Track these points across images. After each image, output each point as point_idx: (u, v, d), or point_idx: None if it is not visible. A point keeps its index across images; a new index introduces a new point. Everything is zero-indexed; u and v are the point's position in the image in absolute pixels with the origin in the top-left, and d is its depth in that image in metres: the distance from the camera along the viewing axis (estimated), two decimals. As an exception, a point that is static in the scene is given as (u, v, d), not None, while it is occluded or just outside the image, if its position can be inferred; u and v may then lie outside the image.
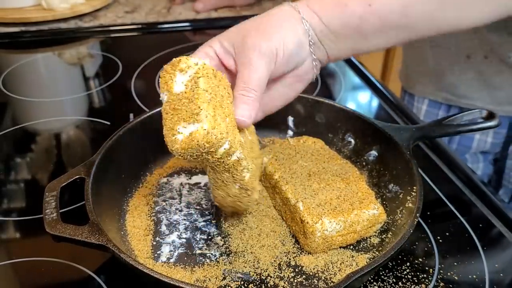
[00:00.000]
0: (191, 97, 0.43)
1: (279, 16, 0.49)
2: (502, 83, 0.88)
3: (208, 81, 0.44)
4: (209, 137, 0.42)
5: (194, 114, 0.42)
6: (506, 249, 0.56)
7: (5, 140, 0.74)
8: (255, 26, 0.48)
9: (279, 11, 0.49)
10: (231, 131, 0.44)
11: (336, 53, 0.51)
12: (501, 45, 0.85)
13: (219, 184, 0.49)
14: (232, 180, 0.48)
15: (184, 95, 0.43)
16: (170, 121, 0.43)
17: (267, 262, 0.51)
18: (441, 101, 0.97)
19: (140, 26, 1.13)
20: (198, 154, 0.43)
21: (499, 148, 0.95)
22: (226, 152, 0.44)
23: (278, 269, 0.50)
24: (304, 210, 0.52)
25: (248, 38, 0.47)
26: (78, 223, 0.47)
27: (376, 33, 0.48)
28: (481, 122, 0.62)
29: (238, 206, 0.52)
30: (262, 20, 0.49)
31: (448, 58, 0.92)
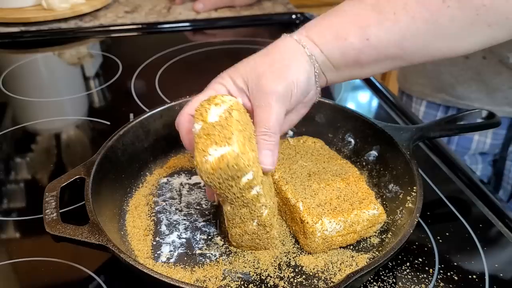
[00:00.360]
0: (224, 124, 0.45)
1: (287, 52, 0.50)
2: (500, 84, 0.88)
3: (241, 114, 0.47)
4: (238, 160, 0.43)
5: (226, 138, 0.44)
6: (506, 249, 0.56)
7: (5, 140, 0.74)
8: (268, 65, 0.49)
9: (284, 45, 0.51)
10: (256, 163, 0.46)
11: (335, 80, 0.53)
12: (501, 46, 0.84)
13: (236, 221, 0.50)
14: (250, 216, 0.49)
15: (218, 123, 0.45)
16: (203, 144, 0.45)
17: (267, 262, 0.51)
18: (439, 103, 0.97)
19: (140, 26, 1.13)
20: (225, 178, 0.44)
21: (498, 149, 0.95)
22: (248, 183, 0.45)
23: (278, 269, 0.50)
24: (304, 210, 0.52)
25: (263, 80, 0.49)
26: (78, 223, 0.47)
27: (372, 63, 0.51)
28: (481, 122, 0.62)
29: (257, 244, 0.52)
30: (273, 59, 0.50)
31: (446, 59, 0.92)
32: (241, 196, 0.46)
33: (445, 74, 0.93)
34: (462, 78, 0.91)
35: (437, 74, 0.95)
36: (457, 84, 0.92)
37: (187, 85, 0.61)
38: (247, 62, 0.51)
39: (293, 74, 0.49)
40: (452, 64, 0.92)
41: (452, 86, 0.93)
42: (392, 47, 0.49)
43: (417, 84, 0.99)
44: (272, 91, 0.48)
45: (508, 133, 0.92)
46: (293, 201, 0.53)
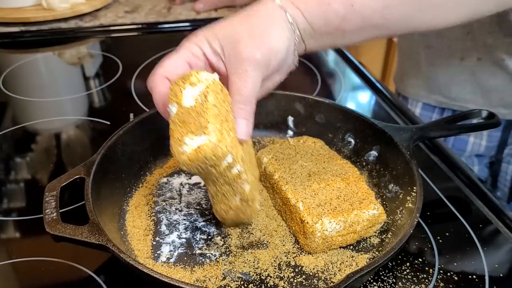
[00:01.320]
0: (200, 111, 0.44)
1: (267, 17, 0.49)
2: (495, 86, 0.89)
3: (217, 96, 0.45)
4: (216, 150, 0.42)
5: (202, 127, 0.43)
6: (506, 249, 0.56)
7: (5, 140, 0.74)
8: (247, 31, 0.48)
9: (266, 9, 0.49)
10: (235, 145, 0.45)
11: (314, 47, 0.52)
12: (496, 47, 0.85)
13: (219, 198, 0.49)
14: (232, 192, 0.48)
15: (193, 109, 0.44)
16: (178, 132, 0.44)
17: (267, 262, 0.51)
18: (434, 104, 0.97)
19: (140, 26, 1.13)
20: (204, 166, 0.44)
21: (494, 152, 0.95)
22: (228, 166, 0.45)
23: (278, 269, 0.50)
24: (304, 210, 0.52)
25: (241, 47, 0.47)
26: (78, 223, 0.47)
27: (355, 31, 0.50)
28: (481, 122, 0.62)
29: (241, 218, 0.52)
30: (252, 23, 0.48)
31: (441, 60, 0.92)
32: (223, 176, 0.46)
33: (440, 75, 0.93)
34: (457, 79, 0.91)
35: (432, 75, 0.95)
36: (452, 85, 0.92)
37: (187, 85, 0.61)
38: (225, 25, 0.49)
39: (273, 42, 0.48)
40: (447, 65, 0.92)
41: (447, 87, 0.93)
42: (376, 15, 0.48)
43: (412, 85, 0.99)
44: (250, 58, 0.47)
45: (503, 135, 0.92)
46: (293, 201, 0.53)
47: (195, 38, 0.50)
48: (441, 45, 0.91)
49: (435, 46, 0.92)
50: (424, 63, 0.95)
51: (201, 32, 0.49)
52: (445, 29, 0.88)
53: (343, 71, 0.97)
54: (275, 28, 0.48)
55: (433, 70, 0.94)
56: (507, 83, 0.87)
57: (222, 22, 0.49)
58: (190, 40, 0.50)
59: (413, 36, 0.96)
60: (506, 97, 0.89)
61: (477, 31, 0.85)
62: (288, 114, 0.71)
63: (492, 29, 0.83)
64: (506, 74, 0.87)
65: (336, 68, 0.99)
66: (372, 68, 1.02)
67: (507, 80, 0.87)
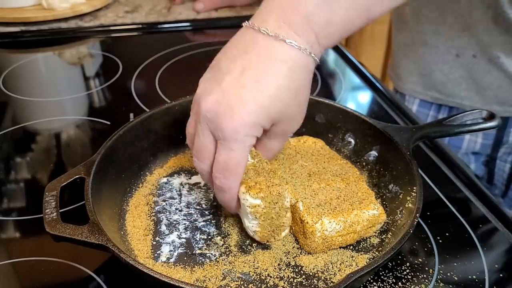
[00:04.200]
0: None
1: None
2: (490, 83, 0.89)
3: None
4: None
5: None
6: (506, 249, 0.56)
7: (5, 140, 0.74)
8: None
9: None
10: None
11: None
12: (491, 45, 0.85)
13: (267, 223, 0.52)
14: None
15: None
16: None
17: (267, 262, 0.51)
18: (430, 101, 0.97)
19: (140, 26, 1.13)
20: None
21: (490, 150, 0.95)
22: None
23: (278, 269, 0.50)
24: (304, 210, 0.52)
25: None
26: (78, 223, 0.47)
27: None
28: (481, 123, 0.62)
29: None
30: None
31: (437, 57, 0.92)
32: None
33: (436, 72, 0.94)
34: (452, 76, 0.92)
35: (428, 72, 0.95)
36: (448, 82, 0.93)
37: (187, 85, 0.61)
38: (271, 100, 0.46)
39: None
40: (443, 62, 0.92)
41: (443, 84, 0.94)
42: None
43: (409, 82, 1.00)
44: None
45: (499, 133, 0.93)
46: (293, 201, 0.53)
47: (248, 129, 0.45)
48: (437, 42, 0.91)
49: (431, 42, 0.92)
50: (420, 60, 0.96)
51: (247, 116, 0.45)
52: (441, 26, 0.89)
53: (343, 71, 0.97)
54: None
55: (428, 67, 0.95)
56: (502, 80, 0.88)
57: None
58: (246, 133, 0.46)
59: (410, 32, 0.96)
60: (501, 94, 0.89)
61: (473, 28, 0.85)
62: (288, 114, 0.71)
63: (488, 26, 0.83)
64: (501, 72, 0.87)
65: (336, 68, 0.99)
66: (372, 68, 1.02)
67: (502, 77, 0.87)
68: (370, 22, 0.48)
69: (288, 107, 0.47)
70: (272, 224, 0.51)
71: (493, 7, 0.82)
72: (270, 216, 0.50)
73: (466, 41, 0.87)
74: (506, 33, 0.83)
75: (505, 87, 0.88)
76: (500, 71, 0.87)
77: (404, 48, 1.00)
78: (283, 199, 0.49)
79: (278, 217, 0.50)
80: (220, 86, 0.46)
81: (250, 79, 0.45)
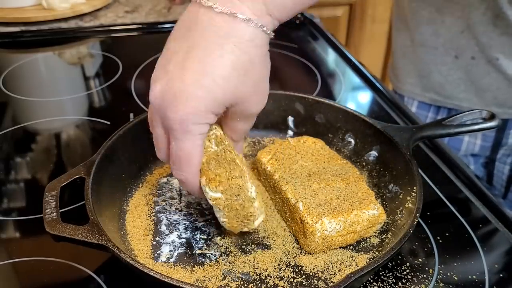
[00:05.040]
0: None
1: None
2: (489, 85, 0.89)
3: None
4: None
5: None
6: (506, 249, 0.56)
7: (5, 140, 0.74)
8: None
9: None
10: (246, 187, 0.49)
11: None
12: (490, 46, 0.85)
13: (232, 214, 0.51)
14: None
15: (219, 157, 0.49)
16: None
17: (267, 262, 0.51)
18: (429, 102, 0.97)
19: (140, 26, 1.13)
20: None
21: (489, 151, 0.95)
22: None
23: (278, 269, 0.50)
24: (304, 210, 0.52)
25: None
26: (78, 223, 0.47)
27: None
28: (481, 123, 0.62)
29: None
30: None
31: (435, 58, 0.92)
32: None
33: (435, 73, 0.94)
34: (451, 78, 0.92)
35: (427, 73, 0.95)
36: (447, 83, 0.93)
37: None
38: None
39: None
40: (441, 63, 0.92)
41: (442, 86, 0.94)
42: None
43: (407, 83, 1.00)
44: None
45: (498, 135, 0.93)
46: (293, 201, 0.53)
47: (198, 117, 0.43)
48: (436, 43, 0.91)
49: (430, 44, 0.92)
50: (419, 61, 0.96)
51: (196, 103, 0.42)
52: (440, 27, 0.89)
53: (343, 71, 0.97)
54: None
55: (427, 68, 0.95)
56: (501, 82, 0.88)
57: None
58: (195, 121, 0.43)
59: (409, 34, 0.96)
60: (500, 96, 0.89)
61: (472, 29, 0.85)
62: (288, 114, 0.71)
63: (487, 27, 0.83)
64: (500, 73, 0.87)
65: (336, 68, 0.99)
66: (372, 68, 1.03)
67: (501, 79, 0.87)
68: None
69: (238, 87, 0.43)
70: (238, 215, 0.49)
71: (492, 7, 0.81)
72: (234, 207, 0.48)
73: (465, 42, 0.87)
74: (505, 34, 0.83)
75: (504, 88, 0.88)
76: (499, 73, 0.87)
77: (403, 49, 1.00)
78: (245, 190, 0.48)
79: (243, 208, 0.49)
80: (166, 72, 0.43)
81: (194, 61, 0.41)
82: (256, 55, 0.42)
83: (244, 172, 0.49)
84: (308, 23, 1.16)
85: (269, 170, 0.59)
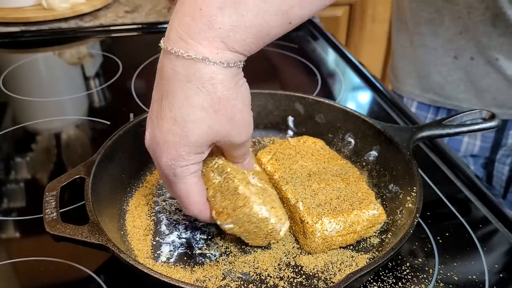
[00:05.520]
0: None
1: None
2: (488, 85, 0.89)
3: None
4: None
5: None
6: (506, 249, 0.56)
7: (5, 140, 0.74)
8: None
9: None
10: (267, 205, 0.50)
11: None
12: (489, 47, 0.85)
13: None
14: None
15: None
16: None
17: (267, 262, 0.51)
18: (428, 103, 0.97)
19: (140, 26, 1.13)
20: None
21: (488, 152, 0.95)
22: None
23: (278, 269, 0.50)
24: (304, 210, 0.52)
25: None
26: (78, 223, 0.47)
27: None
28: (481, 123, 0.62)
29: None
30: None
31: (435, 59, 0.92)
32: None
33: (434, 74, 0.94)
34: (450, 79, 0.92)
35: (426, 74, 0.95)
36: (446, 84, 0.93)
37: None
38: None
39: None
40: (441, 64, 0.92)
41: (441, 87, 0.94)
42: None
43: (407, 84, 1.00)
44: None
45: (497, 136, 0.93)
46: (293, 201, 0.53)
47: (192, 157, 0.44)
48: (435, 44, 0.91)
49: (429, 45, 0.92)
50: (418, 62, 0.96)
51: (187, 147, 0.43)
52: (440, 28, 0.89)
53: (343, 71, 0.97)
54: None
55: (427, 69, 0.95)
56: (500, 82, 0.88)
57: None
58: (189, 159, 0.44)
59: (408, 34, 0.96)
60: (499, 96, 0.89)
61: (471, 30, 0.85)
62: (288, 114, 0.71)
63: (486, 28, 0.83)
64: (499, 74, 0.87)
65: (336, 68, 0.99)
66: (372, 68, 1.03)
67: (501, 79, 0.87)
68: (292, 27, 0.42)
69: (212, 127, 0.42)
70: (258, 234, 0.50)
71: (492, 8, 0.81)
72: (251, 231, 0.49)
73: (464, 43, 0.87)
74: (505, 34, 0.83)
75: (504, 89, 0.88)
76: (499, 73, 0.87)
77: (402, 50, 1.00)
78: (255, 215, 0.48)
79: (260, 229, 0.49)
80: (151, 120, 0.45)
81: (166, 109, 0.42)
82: (223, 91, 0.41)
83: (248, 199, 0.48)
84: (308, 23, 1.16)
85: (269, 170, 0.59)
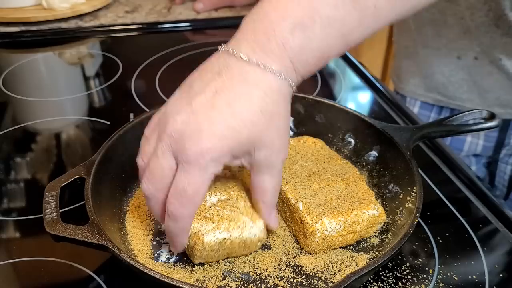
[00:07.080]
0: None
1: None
2: (492, 85, 0.89)
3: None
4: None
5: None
6: (506, 249, 0.56)
7: (5, 140, 0.74)
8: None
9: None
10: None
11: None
12: (493, 47, 0.85)
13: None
14: None
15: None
16: None
17: (267, 262, 0.51)
18: (431, 103, 0.97)
19: (140, 26, 1.13)
20: None
21: (491, 152, 0.95)
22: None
23: (278, 269, 0.50)
24: (304, 210, 0.52)
25: None
26: (78, 223, 0.47)
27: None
28: (481, 123, 0.62)
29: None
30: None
31: (438, 59, 0.92)
32: None
33: (438, 74, 0.93)
34: (454, 78, 0.92)
35: (429, 74, 0.95)
36: (449, 84, 0.93)
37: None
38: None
39: None
40: (444, 64, 0.92)
41: (444, 86, 0.93)
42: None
43: (410, 84, 1.00)
44: None
45: (500, 136, 0.93)
46: (293, 201, 0.53)
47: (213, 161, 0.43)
48: (439, 44, 0.91)
49: (433, 45, 0.92)
50: (422, 62, 0.96)
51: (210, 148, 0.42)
52: (443, 28, 0.89)
53: (343, 71, 0.97)
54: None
55: (430, 69, 0.94)
56: (503, 82, 0.88)
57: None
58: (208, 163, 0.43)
59: (411, 35, 0.96)
60: (502, 96, 0.89)
61: (474, 30, 0.85)
62: (288, 114, 0.71)
63: (489, 28, 0.83)
64: (502, 74, 0.87)
65: (336, 68, 0.99)
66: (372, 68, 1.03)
67: (504, 79, 0.87)
68: (349, 48, 0.46)
69: (263, 131, 0.44)
70: (233, 252, 0.50)
71: (495, 9, 0.81)
72: (224, 255, 0.49)
73: (467, 43, 0.87)
74: (508, 35, 0.83)
75: (507, 89, 0.88)
76: (502, 73, 0.87)
77: (405, 50, 1.00)
78: (212, 245, 0.47)
79: (231, 249, 0.49)
80: (190, 106, 0.43)
81: (222, 102, 0.43)
82: (281, 104, 0.45)
83: (196, 235, 0.48)
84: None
85: (269, 170, 0.59)
